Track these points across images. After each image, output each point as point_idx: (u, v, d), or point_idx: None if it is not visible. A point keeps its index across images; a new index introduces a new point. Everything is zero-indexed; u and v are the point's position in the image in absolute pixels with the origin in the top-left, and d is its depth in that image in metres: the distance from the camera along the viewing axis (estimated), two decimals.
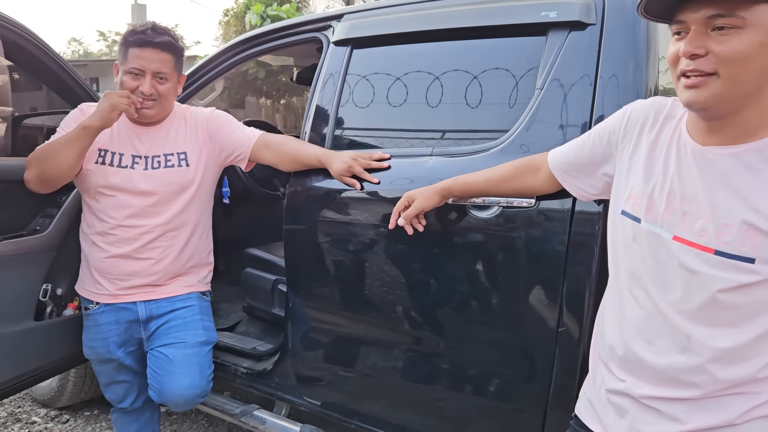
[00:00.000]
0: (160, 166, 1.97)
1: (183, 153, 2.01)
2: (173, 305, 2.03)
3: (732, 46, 0.96)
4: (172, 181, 1.97)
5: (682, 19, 1.01)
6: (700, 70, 0.99)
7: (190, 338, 2.01)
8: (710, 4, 0.97)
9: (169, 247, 2.00)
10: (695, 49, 0.98)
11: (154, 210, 1.96)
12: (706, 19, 0.98)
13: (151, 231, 1.96)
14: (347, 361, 2.01)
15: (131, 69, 1.90)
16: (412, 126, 1.95)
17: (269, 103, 12.97)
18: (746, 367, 1.05)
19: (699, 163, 1.08)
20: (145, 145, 1.98)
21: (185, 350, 1.98)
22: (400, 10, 2.01)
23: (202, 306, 2.10)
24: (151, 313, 2.02)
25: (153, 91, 1.91)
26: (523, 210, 1.58)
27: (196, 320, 2.04)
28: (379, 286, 1.86)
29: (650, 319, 1.13)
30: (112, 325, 2.02)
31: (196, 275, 2.12)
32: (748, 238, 1.00)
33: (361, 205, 1.89)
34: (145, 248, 1.97)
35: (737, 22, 0.95)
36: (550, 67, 1.64)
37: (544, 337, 1.58)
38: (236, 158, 2.09)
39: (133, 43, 1.90)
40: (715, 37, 0.97)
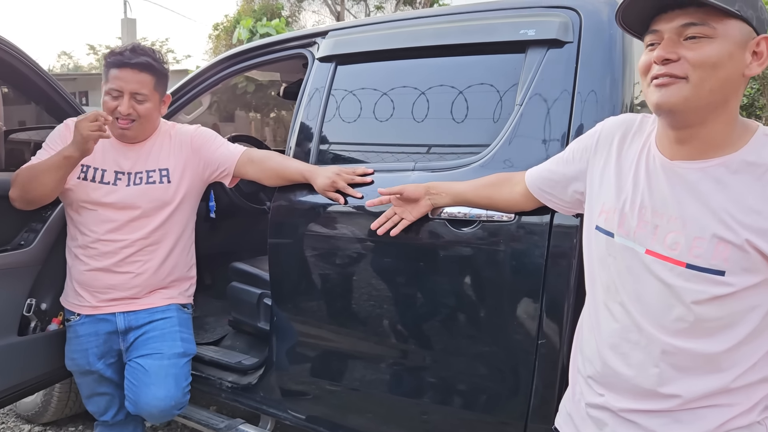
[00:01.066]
0: (142, 182, 1.99)
1: (165, 170, 2.02)
2: (152, 316, 2.04)
3: (703, 53, 1.00)
4: (153, 197, 1.99)
5: (656, 28, 1.05)
6: (671, 74, 1.02)
7: (166, 349, 2.01)
8: (685, 14, 1.01)
9: (149, 261, 2.01)
10: (668, 54, 1.02)
11: (135, 225, 1.98)
12: (680, 28, 1.02)
13: (131, 245, 1.98)
14: (332, 374, 2.01)
15: (110, 90, 1.93)
16: (395, 141, 1.97)
17: (259, 117, 13.00)
18: (720, 378, 1.07)
19: (668, 177, 1.10)
20: (128, 162, 2.00)
21: (161, 361, 1.99)
22: (383, 27, 2.04)
23: (182, 318, 2.11)
24: (130, 324, 2.02)
25: (131, 111, 1.93)
26: (503, 224, 1.60)
27: (174, 332, 2.05)
28: (362, 300, 1.87)
29: (626, 332, 1.15)
30: (92, 337, 2.03)
31: (177, 288, 2.13)
32: (718, 252, 1.02)
33: (345, 219, 1.91)
34: (124, 262, 1.98)
35: (709, 32, 1.00)
36: (530, 83, 1.67)
37: (524, 349, 1.60)
38: (220, 174, 2.11)
39: (112, 64, 1.93)
40: (688, 45, 1.01)
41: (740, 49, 1.01)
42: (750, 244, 1.00)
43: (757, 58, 1.03)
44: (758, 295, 1.03)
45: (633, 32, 1.12)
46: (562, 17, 1.68)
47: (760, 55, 1.03)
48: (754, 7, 1.01)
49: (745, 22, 1.00)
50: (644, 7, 1.06)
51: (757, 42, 1.02)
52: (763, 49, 1.02)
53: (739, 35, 1.01)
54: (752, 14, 1.01)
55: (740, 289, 1.02)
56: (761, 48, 1.02)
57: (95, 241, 1.97)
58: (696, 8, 1.00)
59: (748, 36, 1.01)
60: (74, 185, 1.96)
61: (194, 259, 2.22)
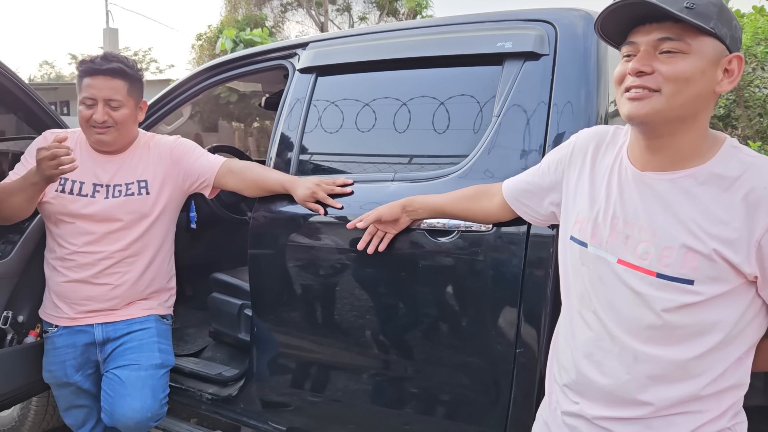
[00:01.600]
0: (121, 194, 1.98)
1: (144, 181, 2.01)
2: (130, 327, 2.03)
3: (677, 68, 1.02)
4: (132, 209, 1.98)
5: (633, 40, 1.08)
6: (645, 86, 1.05)
7: (144, 360, 1.99)
8: (662, 28, 1.04)
9: (128, 273, 2.00)
10: (643, 66, 1.05)
11: (113, 237, 1.97)
12: (656, 41, 1.04)
13: (109, 257, 1.97)
14: (313, 385, 2.01)
15: (84, 99, 1.92)
16: (375, 151, 1.98)
17: (242, 127, 12.97)
18: (692, 385, 1.09)
19: (639, 188, 1.13)
20: (107, 174, 1.99)
21: (138, 372, 1.97)
22: (363, 39, 2.06)
23: (160, 329, 2.09)
24: (108, 335, 2.01)
25: (107, 118, 1.92)
26: (481, 234, 1.61)
27: (152, 342, 2.03)
28: (342, 311, 1.88)
29: (599, 341, 1.17)
30: (69, 348, 2.01)
31: (156, 300, 2.12)
32: (687, 261, 1.05)
33: (326, 229, 1.91)
34: (102, 274, 1.97)
35: (683, 47, 1.02)
36: (507, 94, 1.70)
37: (503, 359, 1.61)
38: (200, 185, 2.10)
39: (84, 72, 1.93)
40: (662, 59, 1.04)
41: (713, 66, 1.04)
42: (717, 253, 1.02)
43: (729, 75, 1.05)
44: (727, 303, 1.05)
45: (611, 42, 1.15)
46: (539, 30, 1.70)
47: (731, 73, 1.05)
48: (728, 26, 1.04)
49: (719, 40, 1.03)
50: (623, 18, 1.08)
51: (729, 60, 1.05)
52: (734, 67, 1.05)
53: (712, 52, 1.03)
54: (726, 32, 1.03)
55: (709, 298, 1.04)
56: (733, 66, 1.05)
57: (73, 253, 1.96)
58: (673, 23, 1.03)
59: (720, 53, 1.04)
60: (52, 198, 1.95)
61: (174, 270, 2.21)
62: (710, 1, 1.04)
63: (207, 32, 17.09)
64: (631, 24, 1.09)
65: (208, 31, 17.07)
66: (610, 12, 1.08)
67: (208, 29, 17.45)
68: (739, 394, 1.13)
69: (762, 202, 1.00)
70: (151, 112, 2.54)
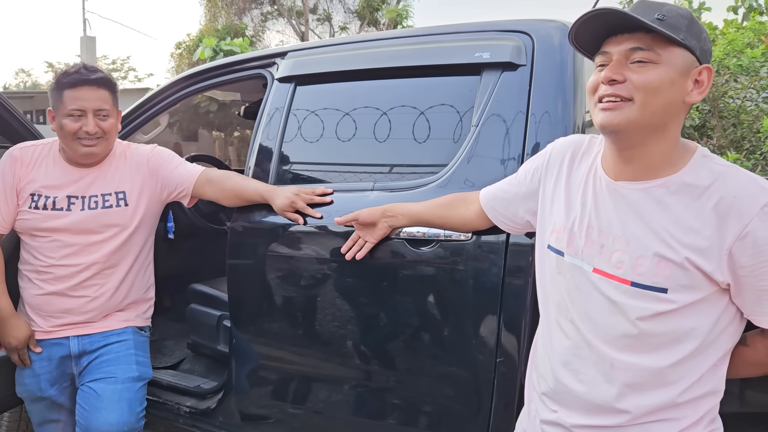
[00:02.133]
0: (98, 206, 1.94)
1: (122, 192, 1.98)
2: (107, 339, 1.98)
3: (648, 77, 1.05)
4: (110, 222, 1.94)
5: (606, 50, 1.11)
6: (617, 95, 1.07)
7: (121, 373, 1.95)
8: (633, 38, 1.06)
9: (105, 284, 1.96)
10: (615, 75, 1.07)
11: (91, 249, 1.93)
12: (628, 51, 1.07)
13: (87, 269, 1.93)
14: (293, 397, 1.99)
15: (71, 111, 1.87)
16: (354, 161, 1.98)
17: (222, 137, 12.90)
18: (668, 392, 1.10)
19: (613, 198, 1.14)
20: (82, 185, 1.95)
21: (115, 385, 1.93)
22: (342, 48, 2.06)
23: (138, 341, 2.05)
24: (84, 348, 1.96)
25: (97, 129, 1.88)
26: (461, 243, 1.62)
27: (130, 355, 1.99)
28: (322, 321, 1.86)
29: (577, 349, 1.17)
30: (45, 362, 1.96)
31: (134, 311, 2.08)
32: (660, 270, 1.06)
33: (305, 239, 1.90)
34: (80, 286, 1.93)
35: (654, 57, 1.05)
36: (485, 104, 1.71)
37: (484, 368, 1.61)
38: (178, 195, 2.07)
39: (68, 84, 1.88)
40: (634, 68, 1.06)
41: (682, 77, 1.06)
42: (690, 262, 1.04)
43: (698, 86, 1.08)
44: (701, 311, 1.06)
45: (585, 52, 1.16)
46: (516, 41, 1.72)
47: (701, 84, 1.08)
48: (698, 38, 1.07)
49: (689, 51, 1.05)
50: (596, 29, 1.10)
51: (699, 71, 1.07)
52: (704, 78, 1.07)
53: (682, 63, 1.05)
54: (696, 44, 1.06)
55: (682, 306, 1.05)
56: (702, 77, 1.07)
57: (50, 266, 1.92)
58: (644, 34, 1.05)
59: (690, 64, 1.06)
60: (25, 215, 1.91)
61: (152, 281, 2.17)
62: (680, 13, 1.07)
63: (186, 41, 17.02)
64: (605, 35, 1.11)
65: (187, 40, 17.00)
66: (583, 22, 1.10)
67: (187, 38, 17.39)
68: (715, 400, 1.14)
69: (732, 210, 1.02)
70: (128, 121, 2.51)
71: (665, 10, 1.06)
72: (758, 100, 3.79)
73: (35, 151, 1.98)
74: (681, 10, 1.08)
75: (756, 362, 1.16)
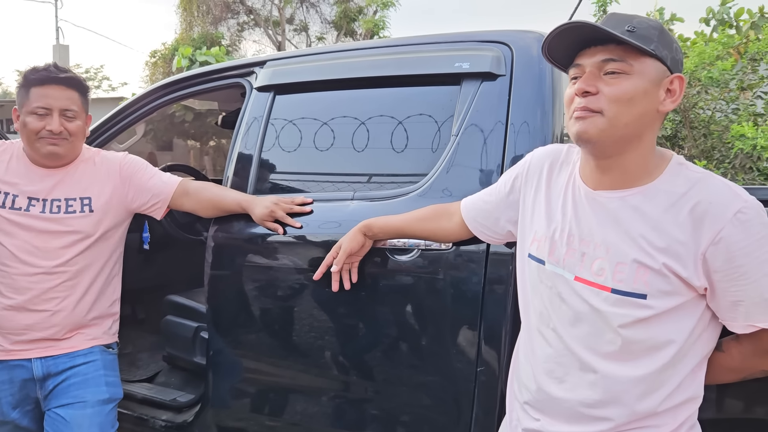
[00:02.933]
0: (60, 211, 1.86)
1: (87, 198, 1.90)
2: (73, 361, 1.88)
3: (619, 88, 1.07)
4: (72, 228, 1.86)
5: (579, 62, 1.12)
6: (589, 108, 1.09)
7: (90, 396, 1.85)
8: (605, 50, 1.08)
9: (67, 297, 1.86)
10: (588, 87, 1.09)
11: (49, 256, 1.83)
12: (600, 63, 1.09)
13: (46, 280, 1.83)
14: (272, 409, 1.96)
15: (36, 109, 1.80)
16: (334, 170, 1.97)
17: (198, 146, 12.78)
18: (649, 400, 1.11)
19: (592, 206, 1.16)
20: (44, 187, 1.86)
21: (84, 410, 1.83)
22: (322, 58, 2.06)
23: (106, 360, 1.95)
24: (49, 370, 1.86)
25: (62, 129, 1.81)
26: (441, 252, 1.62)
27: (99, 376, 1.89)
28: (302, 332, 1.85)
29: (559, 357, 1.18)
30: (6, 385, 1.85)
31: (100, 327, 1.97)
32: (639, 276, 1.07)
33: (285, 249, 1.89)
34: (39, 299, 1.83)
35: (626, 68, 1.07)
36: (465, 114, 1.72)
37: (464, 377, 1.60)
38: (153, 206, 2.00)
39: (36, 81, 1.81)
40: (606, 80, 1.08)
41: (655, 87, 1.08)
42: (667, 267, 1.05)
43: (671, 95, 1.10)
44: (679, 317, 1.08)
45: (559, 65, 1.18)
46: (495, 51, 1.74)
47: (673, 93, 1.10)
48: (669, 48, 1.09)
49: (660, 61, 1.07)
50: (570, 42, 1.12)
51: (671, 80, 1.09)
52: (676, 86, 1.10)
53: (654, 73, 1.08)
54: (667, 54, 1.08)
55: (662, 312, 1.07)
56: (674, 86, 1.10)
57: (6, 276, 1.82)
58: (616, 45, 1.07)
59: (662, 74, 1.09)
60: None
61: (119, 294, 2.07)
62: (650, 25, 1.09)
63: (161, 50, 16.89)
64: (578, 47, 1.13)
65: (162, 49, 16.88)
66: (555, 35, 1.12)
67: (162, 47, 17.26)
68: (694, 407, 1.15)
69: (706, 215, 1.04)
70: (103, 130, 2.48)
71: (636, 22, 1.08)
72: (728, 111, 3.87)
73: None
74: (651, 22, 1.10)
75: (732, 368, 1.18)
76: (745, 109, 3.77)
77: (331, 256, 1.67)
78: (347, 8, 18.69)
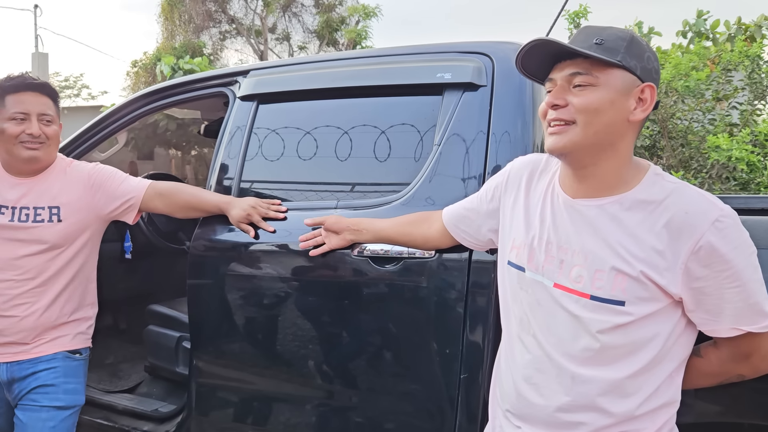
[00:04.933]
0: (29, 219, 1.86)
1: (56, 207, 1.90)
2: (35, 367, 1.89)
3: (587, 99, 1.10)
4: (39, 237, 1.86)
5: (552, 76, 1.16)
6: (561, 119, 1.12)
7: (47, 401, 1.86)
8: (573, 64, 1.12)
9: (35, 303, 1.87)
10: (557, 99, 1.13)
11: (17, 264, 1.85)
12: (569, 76, 1.12)
13: (15, 287, 1.84)
14: (255, 419, 1.95)
15: (14, 114, 1.83)
16: (318, 179, 1.98)
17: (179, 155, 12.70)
18: (627, 404, 1.13)
19: (570, 214, 1.18)
20: (14, 194, 1.87)
21: (39, 413, 1.85)
22: (305, 67, 2.07)
23: (68, 367, 1.94)
24: (13, 375, 1.88)
25: (41, 132, 1.84)
26: (424, 261, 1.63)
27: (58, 383, 1.90)
28: (285, 341, 1.85)
29: (538, 364, 1.20)
30: None
31: (70, 331, 1.97)
32: (617, 283, 1.09)
33: (268, 258, 1.89)
34: (8, 305, 1.84)
35: (592, 80, 1.10)
36: (447, 124, 1.74)
37: (448, 384, 1.62)
38: (124, 211, 2.00)
39: (11, 88, 1.85)
40: (575, 92, 1.12)
41: (622, 96, 1.11)
42: (644, 275, 1.07)
43: (642, 104, 1.12)
44: (657, 322, 1.10)
45: (535, 78, 1.21)
46: (476, 62, 1.76)
47: (644, 102, 1.12)
48: (638, 58, 1.11)
49: (629, 71, 1.10)
50: (543, 57, 1.16)
51: (641, 89, 1.12)
52: (647, 95, 1.12)
53: (621, 83, 1.10)
54: (635, 64, 1.10)
55: (639, 318, 1.09)
56: (645, 95, 1.12)
57: None
58: (583, 59, 1.10)
59: (631, 84, 1.11)
60: None
61: (93, 299, 2.07)
62: (619, 36, 1.11)
63: (143, 59, 16.79)
64: (551, 62, 1.16)
65: (144, 58, 16.77)
66: (525, 53, 1.16)
67: (144, 56, 17.15)
68: (672, 411, 1.17)
69: (684, 227, 1.06)
70: (85, 138, 2.46)
71: (605, 35, 1.11)
72: (704, 121, 3.95)
73: None
74: (621, 33, 1.13)
75: (709, 373, 1.21)
76: (722, 120, 3.86)
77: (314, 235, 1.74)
78: (330, 18, 18.75)
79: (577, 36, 1.13)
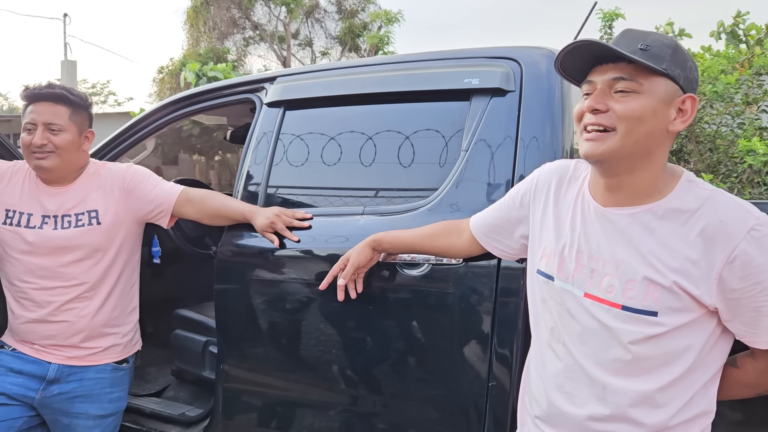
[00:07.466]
0: (71, 225, 1.90)
1: (94, 211, 1.93)
2: (84, 374, 1.94)
3: (629, 106, 1.07)
4: (84, 241, 1.90)
5: (591, 79, 1.13)
6: (600, 124, 1.09)
7: (94, 411, 1.93)
8: (616, 68, 1.09)
9: (85, 308, 1.92)
10: (598, 104, 1.09)
11: (65, 271, 1.89)
12: (611, 81, 1.09)
13: (64, 293, 1.89)
14: (281, 424, 1.96)
15: (25, 125, 1.88)
16: (344, 185, 1.98)
17: (203, 161, 12.84)
18: (660, 414, 1.11)
19: (602, 223, 1.16)
20: (54, 204, 1.92)
21: (87, 422, 1.92)
22: (332, 74, 2.08)
23: (115, 377, 2.01)
24: (61, 376, 1.92)
25: (45, 141, 1.85)
26: (452, 267, 1.62)
27: (104, 393, 1.96)
28: (311, 346, 1.85)
29: (569, 372, 1.18)
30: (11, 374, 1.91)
31: (118, 340, 2.02)
32: (649, 293, 1.07)
33: (294, 263, 1.89)
34: (59, 311, 1.89)
35: (636, 87, 1.07)
36: (474, 129, 1.73)
37: (476, 392, 1.60)
38: (158, 215, 2.03)
39: (25, 99, 1.90)
40: (617, 98, 1.09)
41: (665, 106, 1.08)
42: (678, 285, 1.05)
43: (682, 114, 1.09)
44: (691, 333, 1.08)
45: (572, 80, 1.19)
46: (504, 67, 1.75)
47: (684, 113, 1.10)
48: (682, 67, 1.09)
49: (672, 81, 1.07)
50: (582, 58, 1.13)
51: (682, 100, 1.09)
52: (688, 107, 1.09)
53: (665, 92, 1.08)
54: (679, 73, 1.08)
55: (672, 329, 1.07)
56: (686, 106, 1.09)
57: (26, 291, 1.89)
58: (627, 63, 1.08)
59: (673, 93, 1.08)
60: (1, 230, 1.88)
61: (137, 302, 2.11)
62: (664, 42, 1.08)
63: (169, 65, 17.03)
64: (591, 63, 1.14)
65: (170, 64, 17.02)
66: (567, 52, 1.13)
67: (170, 62, 17.40)
68: (707, 421, 1.15)
69: (718, 235, 1.04)
70: (114, 144, 2.50)
71: (650, 40, 1.08)
72: (733, 125, 3.88)
73: (12, 167, 1.97)
74: (666, 39, 1.10)
75: (746, 383, 1.18)
76: (750, 124, 3.78)
77: (338, 267, 1.67)
78: (352, 24, 18.84)
79: (620, 39, 1.10)
